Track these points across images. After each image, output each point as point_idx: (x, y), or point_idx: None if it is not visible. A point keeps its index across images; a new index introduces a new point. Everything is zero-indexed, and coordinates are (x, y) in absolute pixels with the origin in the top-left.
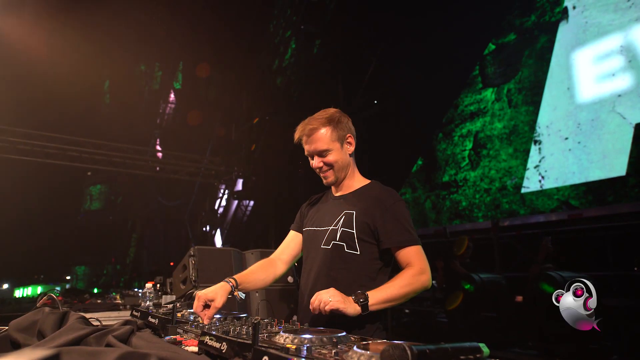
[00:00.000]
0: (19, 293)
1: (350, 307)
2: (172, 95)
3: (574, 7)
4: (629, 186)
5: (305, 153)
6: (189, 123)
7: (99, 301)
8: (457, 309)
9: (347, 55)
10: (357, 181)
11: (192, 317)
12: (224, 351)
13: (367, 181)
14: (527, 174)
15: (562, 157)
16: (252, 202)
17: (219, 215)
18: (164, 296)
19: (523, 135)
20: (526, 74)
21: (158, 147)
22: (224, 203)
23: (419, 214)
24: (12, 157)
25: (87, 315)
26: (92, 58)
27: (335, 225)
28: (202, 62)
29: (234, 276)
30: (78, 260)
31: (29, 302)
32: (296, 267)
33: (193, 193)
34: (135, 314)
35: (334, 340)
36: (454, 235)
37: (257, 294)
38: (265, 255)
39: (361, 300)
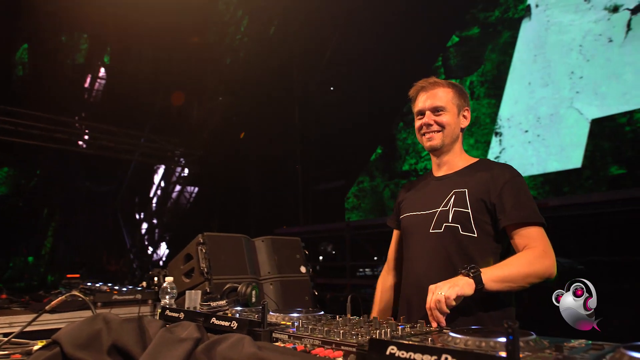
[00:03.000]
0: None
1: (466, 285)
2: (102, 70)
3: (537, 6)
4: (584, 178)
5: (417, 109)
6: (124, 101)
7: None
8: None
9: (304, 39)
10: (463, 160)
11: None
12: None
13: (475, 159)
14: None
15: (522, 149)
16: (196, 189)
17: (156, 201)
18: (187, 292)
19: (484, 127)
20: (489, 67)
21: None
22: (161, 188)
23: (377, 203)
24: None
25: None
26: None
27: (445, 206)
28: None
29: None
30: None
31: None
32: (307, 254)
33: (126, 177)
34: (174, 314)
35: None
36: None
37: (271, 286)
38: (277, 243)
39: (472, 272)
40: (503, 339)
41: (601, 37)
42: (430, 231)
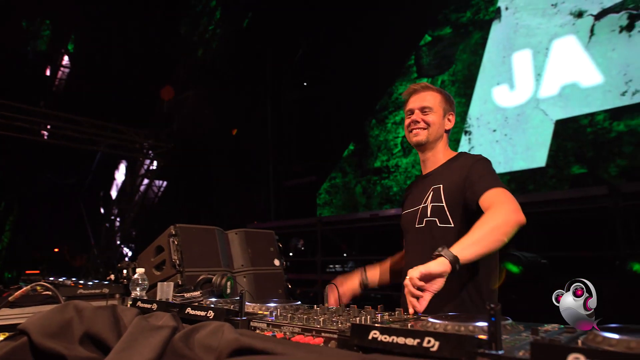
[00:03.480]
0: None
1: (434, 264)
2: (65, 59)
3: (507, 8)
4: (548, 176)
5: (407, 108)
6: (89, 91)
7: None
8: None
9: (278, 33)
10: (445, 156)
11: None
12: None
13: (455, 153)
14: None
15: (490, 148)
16: (165, 183)
17: (123, 195)
18: (159, 284)
19: (455, 126)
20: (460, 67)
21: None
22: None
23: (349, 199)
24: None
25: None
26: None
27: (425, 202)
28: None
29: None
30: None
31: None
32: (280, 247)
33: (91, 169)
34: (146, 305)
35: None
36: (386, 219)
37: (244, 279)
38: (250, 235)
39: (441, 251)
40: (481, 324)
41: (566, 41)
42: (416, 226)
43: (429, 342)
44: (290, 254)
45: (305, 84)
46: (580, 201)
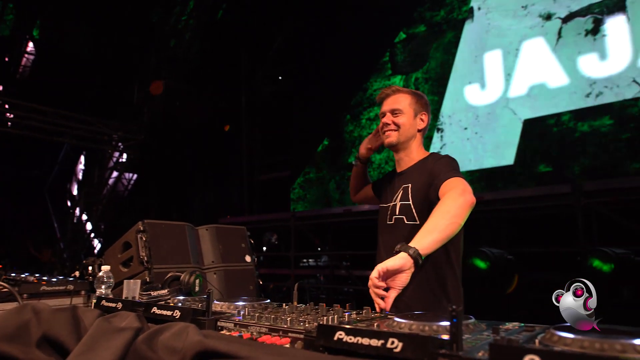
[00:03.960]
0: None
1: (391, 261)
2: (30, 45)
3: (479, 8)
4: (516, 174)
5: (380, 112)
6: (55, 79)
7: None
8: None
9: (254, 26)
10: (418, 156)
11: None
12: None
13: (427, 154)
14: None
15: (461, 145)
16: (135, 176)
17: (91, 188)
18: (126, 282)
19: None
20: (433, 65)
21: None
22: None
23: (323, 194)
24: None
25: None
26: None
27: (395, 200)
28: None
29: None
30: None
31: None
32: (252, 243)
33: (57, 161)
34: (111, 304)
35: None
36: (359, 214)
37: (214, 275)
38: (221, 231)
39: (398, 246)
40: (445, 323)
41: (535, 43)
42: (387, 223)
43: (392, 343)
44: (264, 248)
45: (280, 77)
46: (546, 199)
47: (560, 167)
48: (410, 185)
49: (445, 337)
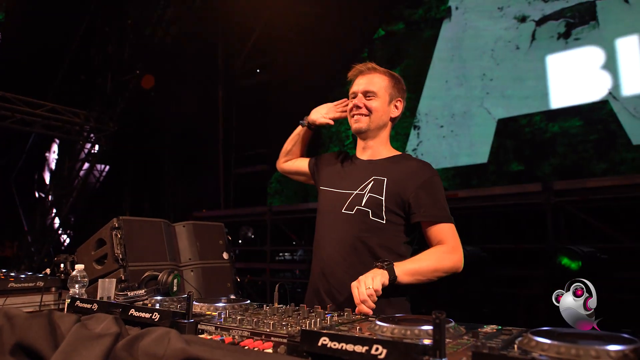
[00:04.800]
0: None
1: (384, 276)
2: None
3: (457, 8)
4: (489, 172)
5: (351, 91)
6: (22, 66)
7: None
8: None
9: (231, 16)
10: (387, 150)
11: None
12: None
13: (398, 152)
14: None
15: (437, 143)
16: (107, 167)
17: (61, 179)
18: (100, 280)
19: (405, 120)
20: (411, 63)
21: None
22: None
23: (300, 189)
24: None
25: None
26: None
27: (362, 190)
28: None
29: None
30: None
31: None
32: (229, 240)
33: (24, 150)
34: (86, 305)
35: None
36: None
37: (191, 272)
38: (199, 228)
39: (386, 264)
40: (427, 327)
41: (510, 44)
42: (342, 211)
43: (376, 349)
44: (240, 241)
45: (258, 70)
46: (517, 197)
47: (532, 166)
48: (385, 179)
49: (428, 341)
